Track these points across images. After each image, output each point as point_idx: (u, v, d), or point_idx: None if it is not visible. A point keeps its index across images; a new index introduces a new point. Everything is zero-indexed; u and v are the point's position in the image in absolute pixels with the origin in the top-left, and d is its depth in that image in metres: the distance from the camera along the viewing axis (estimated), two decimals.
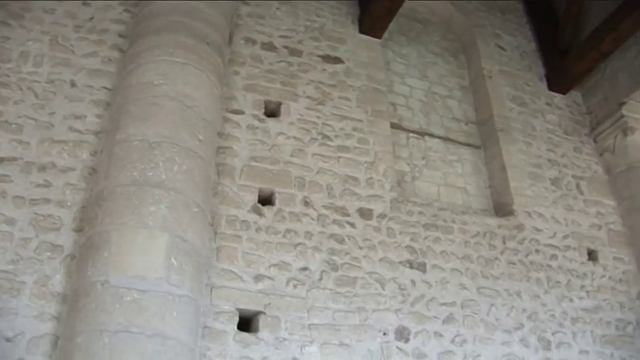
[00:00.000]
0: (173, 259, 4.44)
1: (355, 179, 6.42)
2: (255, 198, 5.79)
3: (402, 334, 5.76)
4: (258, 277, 5.36)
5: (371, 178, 6.52)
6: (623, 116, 8.24)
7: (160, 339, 4.13)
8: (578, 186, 7.99)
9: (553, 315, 6.66)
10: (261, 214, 5.71)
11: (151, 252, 4.37)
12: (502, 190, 7.47)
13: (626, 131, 8.20)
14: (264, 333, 5.15)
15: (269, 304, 5.29)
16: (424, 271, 6.23)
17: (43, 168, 5.16)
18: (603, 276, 7.33)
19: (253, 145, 6.10)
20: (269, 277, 5.41)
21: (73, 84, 5.73)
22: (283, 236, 5.71)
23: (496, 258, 6.71)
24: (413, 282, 6.10)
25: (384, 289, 5.89)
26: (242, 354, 4.97)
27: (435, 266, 6.32)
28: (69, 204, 5.04)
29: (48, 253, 4.76)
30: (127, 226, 4.42)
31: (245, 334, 5.08)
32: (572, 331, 6.66)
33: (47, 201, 5.00)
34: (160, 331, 4.15)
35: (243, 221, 5.59)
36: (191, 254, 4.62)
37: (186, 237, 4.62)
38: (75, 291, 4.36)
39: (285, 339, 5.20)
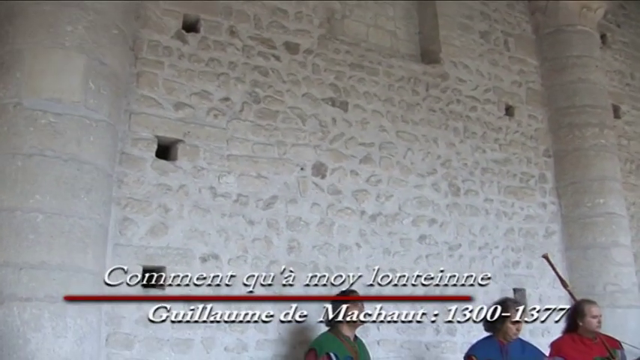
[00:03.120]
0: (91, 83, 4.30)
1: (284, 12, 6.21)
2: (180, 24, 5.52)
3: (319, 169, 5.91)
4: (178, 105, 5.28)
5: (300, 12, 6.32)
6: None
7: (76, 164, 4.10)
8: (505, 42, 8.03)
9: (465, 164, 6.97)
10: (184, 41, 5.50)
11: (67, 74, 4.20)
12: (431, 38, 7.42)
13: None
14: (182, 161, 5.18)
15: (188, 132, 5.26)
16: (345, 110, 6.29)
17: None
18: (516, 131, 7.64)
19: None
20: (189, 106, 5.34)
21: None
22: (206, 65, 5.56)
23: (417, 104, 6.83)
24: (334, 120, 6.17)
25: (304, 125, 5.95)
26: (159, 181, 5.01)
27: (356, 106, 6.38)
28: None
29: None
30: (41, 45, 4.19)
31: (163, 162, 5.10)
32: (481, 180, 7.03)
33: None
34: (75, 155, 4.11)
35: (166, 47, 5.37)
36: (110, 78, 4.49)
37: (105, 60, 4.45)
38: None
39: (203, 168, 5.26)
